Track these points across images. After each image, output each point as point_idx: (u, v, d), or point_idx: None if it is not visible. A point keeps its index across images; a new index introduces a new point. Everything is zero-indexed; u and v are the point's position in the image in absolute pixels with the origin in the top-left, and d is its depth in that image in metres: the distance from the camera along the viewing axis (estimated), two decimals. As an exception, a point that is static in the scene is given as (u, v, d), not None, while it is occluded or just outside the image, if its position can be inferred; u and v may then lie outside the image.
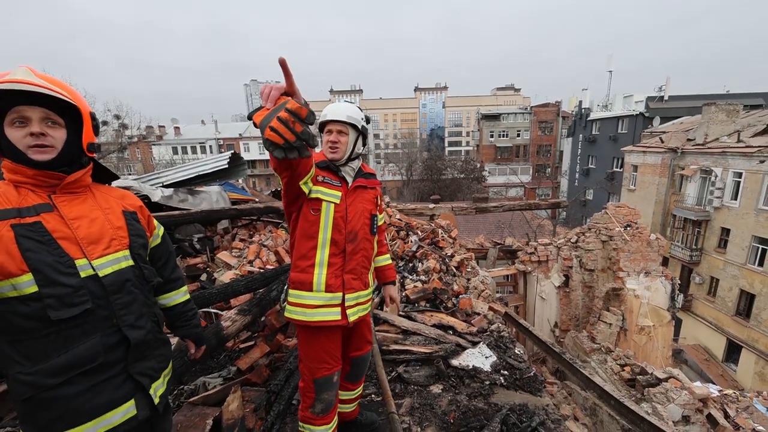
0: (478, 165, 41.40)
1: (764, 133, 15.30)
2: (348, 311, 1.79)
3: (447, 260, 4.70)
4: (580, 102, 36.52)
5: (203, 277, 4.03)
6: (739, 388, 10.46)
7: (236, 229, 5.01)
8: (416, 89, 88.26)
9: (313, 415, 1.81)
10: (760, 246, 14.28)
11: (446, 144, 67.52)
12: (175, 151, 43.28)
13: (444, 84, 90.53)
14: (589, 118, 32.98)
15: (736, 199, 15.22)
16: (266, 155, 46.53)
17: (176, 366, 2.14)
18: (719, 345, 15.83)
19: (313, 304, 1.73)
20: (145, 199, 4.66)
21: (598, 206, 8.27)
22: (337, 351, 1.84)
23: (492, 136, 45.85)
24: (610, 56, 38.13)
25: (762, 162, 14.04)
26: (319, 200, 1.69)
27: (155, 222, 1.54)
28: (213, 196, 5.00)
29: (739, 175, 15.04)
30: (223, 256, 4.30)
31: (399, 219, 5.55)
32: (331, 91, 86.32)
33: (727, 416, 5.46)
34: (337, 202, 1.73)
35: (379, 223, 2.07)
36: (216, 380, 2.81)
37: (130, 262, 1.27)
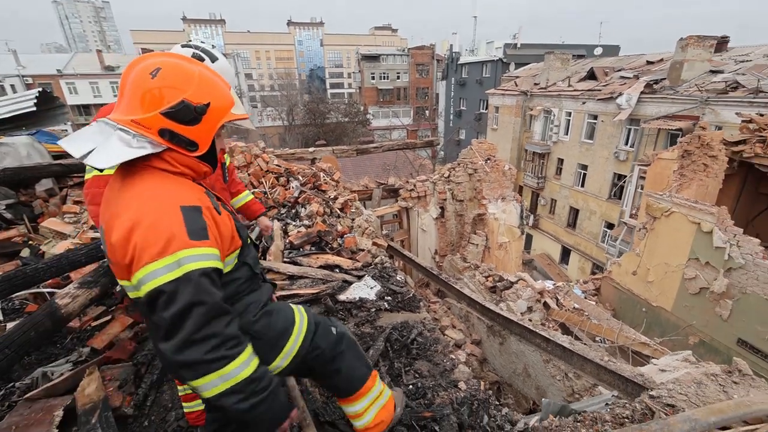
0: (362, 108, 41.16)
1: (585, 79, 18.62)
2: None
3: (330, 203, 4.66)
4: (451, 46, 38.34)
5: (24, 252, 3.20)
6: (569, 281, 13.67)
7: (66, 189, 4.03)
8: (289, 23, 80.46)
9: None
10: (582, 171, 18.06)
11: (328, 86, 64.76)
12: (-47, 93, 30.99)
13: (320, 19, 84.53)
14: (459, 62, 35.11)
15: (567, 134, 18.61)
16: (103, 98, 37.07)
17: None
18: (556, 251, 20.27)
19: None
20: None
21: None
22: None
23: (373, 78, 45.59)
24: (474, 1, 40.23)
25: (584, 103, 17.22)
26: None
27: None
28: (21, 150, 3.85)
29: (569, 114, 18.28)
30: (51, 224, 3.46)
31: (277, 165, 5.20)
32: (185, 20, 71.86)
33: (558, 302, 7.09)
34: None
35: (227, 163, 2.02)
36: (62, 367, 2.36)
37: None
